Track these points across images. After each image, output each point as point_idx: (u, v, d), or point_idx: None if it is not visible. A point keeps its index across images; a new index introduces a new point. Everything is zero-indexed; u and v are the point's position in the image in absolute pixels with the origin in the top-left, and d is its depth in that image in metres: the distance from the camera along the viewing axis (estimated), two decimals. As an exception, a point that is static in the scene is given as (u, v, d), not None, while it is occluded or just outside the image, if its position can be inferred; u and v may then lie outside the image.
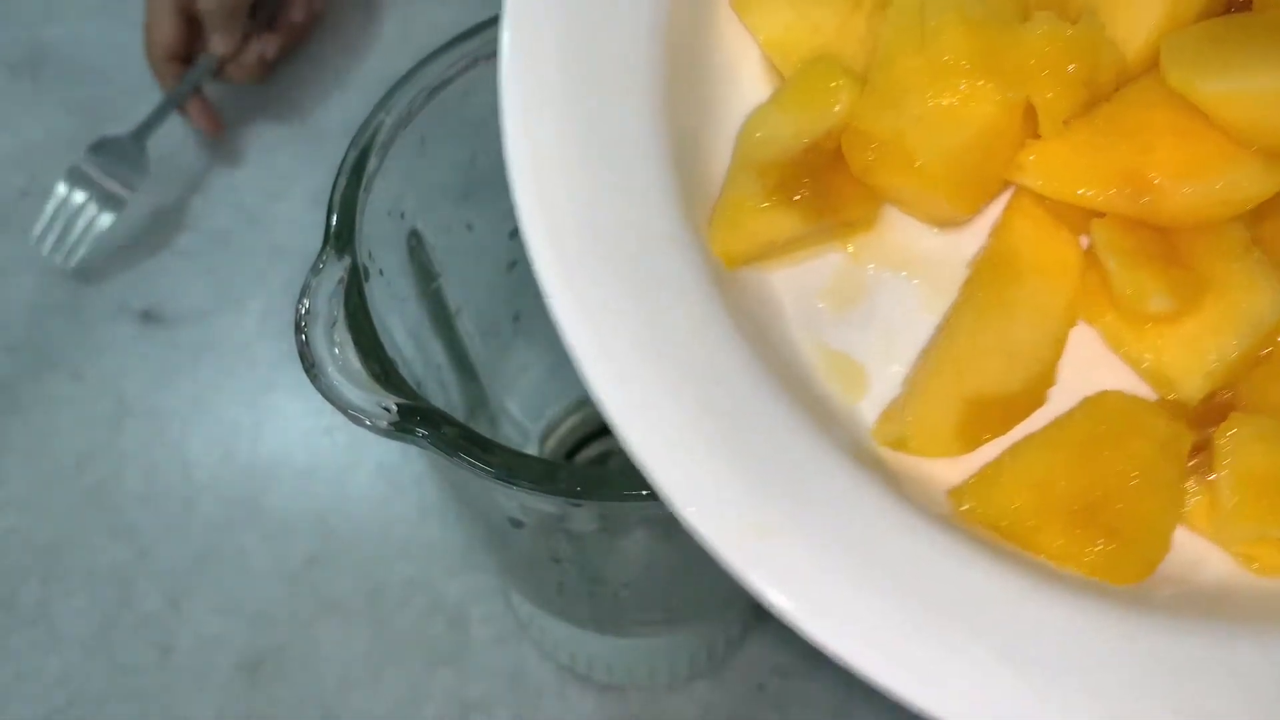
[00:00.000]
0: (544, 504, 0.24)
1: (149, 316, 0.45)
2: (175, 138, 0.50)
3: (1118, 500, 0.19)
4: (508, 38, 0.20)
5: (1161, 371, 0.19)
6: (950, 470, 0.19)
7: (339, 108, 0.51)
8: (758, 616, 0.38)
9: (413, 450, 0.41)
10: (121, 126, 0.50)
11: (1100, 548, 0.18)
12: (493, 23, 0.28)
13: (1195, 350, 0.19)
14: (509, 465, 0.22)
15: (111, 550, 0.40)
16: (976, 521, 0.19)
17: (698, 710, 0.37)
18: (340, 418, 0.43)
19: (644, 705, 0.37)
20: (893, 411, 0.20)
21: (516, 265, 0.33)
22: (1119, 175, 0.20)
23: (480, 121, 0.29)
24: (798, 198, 0.20)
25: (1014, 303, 0.20)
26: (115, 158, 0.46)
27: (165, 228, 0.48)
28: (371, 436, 0.42)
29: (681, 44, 0.21)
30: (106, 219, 0.46)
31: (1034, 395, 0.20)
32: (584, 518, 0.25)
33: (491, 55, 0.28)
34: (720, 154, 0.21)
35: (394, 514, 0.41)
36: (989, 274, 0.20)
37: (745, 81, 0.22)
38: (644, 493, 0.22)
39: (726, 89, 0.22)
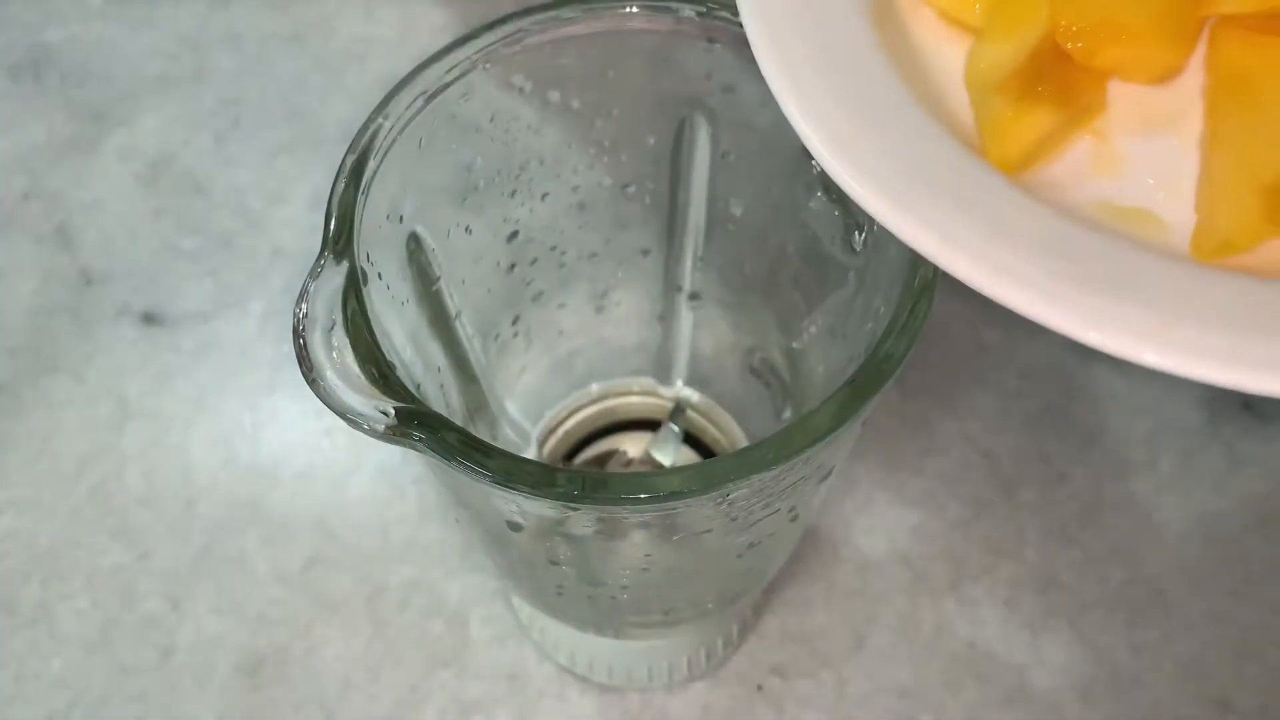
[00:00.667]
0: (542, 507, 0.24)
1: (150, 318, 0.46)
2: (177, 139, 0.50)
3: None
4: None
5: None
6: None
7: (339, 111, 0.51)
8: (756, 616, 0.39)
9: (412, 452, 0.42)
10: (124, 129, 0.50)
11: None
12: (491, 27, 0.28)
13: None
14: (507, 469, 0.22)
15: (112, 551, 0.40)
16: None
17: (697, 711, 0.37)
18: (340, 420, 0.43)
19: (643, 706, 0.37)
20: (1202, 228, 0.22)
21: (515, 268, 0.33)
22: None
23: (479, 125, 0.30)
24: (1042, 91, 0.23)
25: (1266, 102, 0.22)
26: None
27: (167, 230, 0.48)
28: (371, 439, 0.42)
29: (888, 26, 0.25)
30: None
31: None
32: (582, 521, 0.25)
33: (491, 60, 0.28)
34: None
35: (394, 515, 0.41)
36: (1222, 93, 0.23)
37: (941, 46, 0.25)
38: (642, 496, 0.22)
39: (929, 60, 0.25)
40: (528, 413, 0.38)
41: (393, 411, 0.22)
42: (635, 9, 0.28)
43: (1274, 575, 0.39)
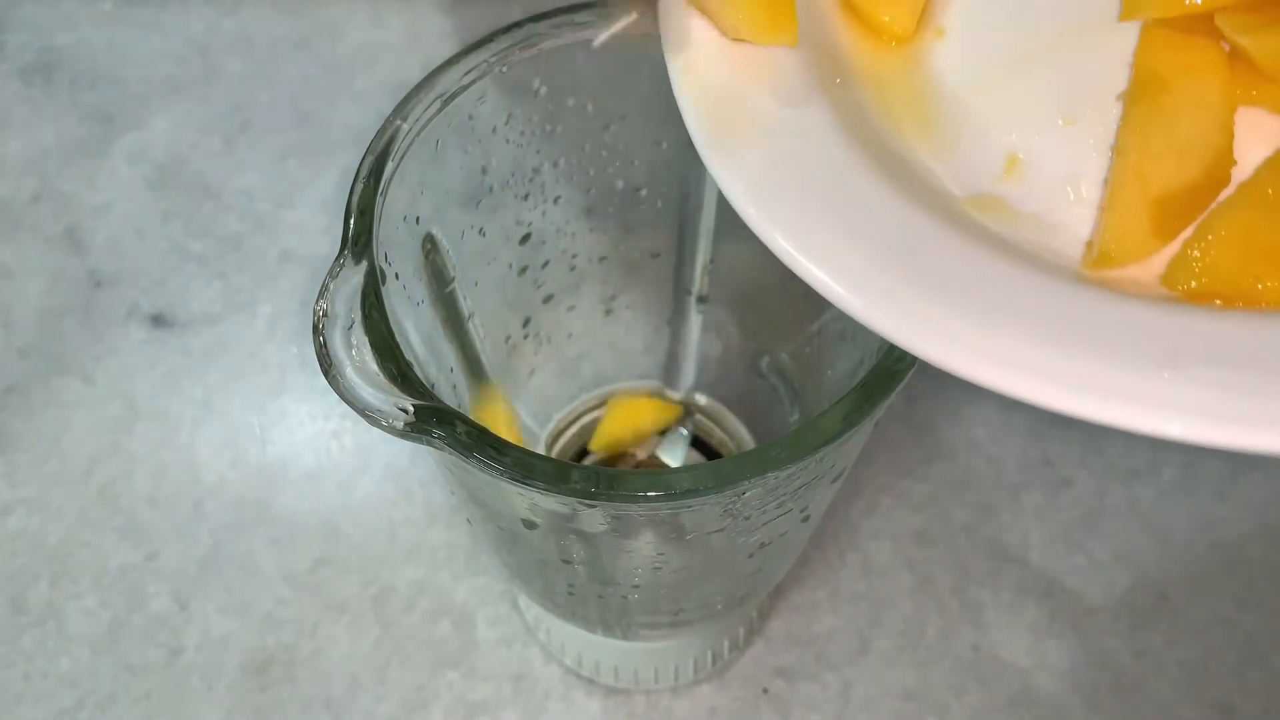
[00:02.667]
0: (555, 504, 0.24)
1: (159, 320, 0.46)
2: (187, 142, 0.50)
3: None
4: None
5: None
6: (1158, 272, 0.21)
7: (347, 115, 0.51)
8: (762, 619, 0.39)
9: (420, 454, 0.42)
10: (134, 132, 0.50)
11: None
12: (504, 32, 0.29)
13: None
14: (522, 465, 0.22)
15: (120, 551, 0.41)
16: (1196, 295, 0.20)
17: (703, 713, 0.37)
18: (347, 421, 0.43)
19: (649, 708, 0.37)
20: (1090, 240, 0.22)
21: (527, 270, 0.34)
22: None
23: (494, 128, 0.30)
24: None
25: (1171, 107, 0.22)
26: None
27: (176, 233, 0.48)
28: (379, 440, 0.42)
29: None
30: None
31: (1216, 179, 0.21)
32: (595, 518, 0.25)
33: (506, 64, 0.28)
34: None
35: (401, 517, 0.41)
36: (1139, 94, 0.22)
37: None
38: (656, 493, 0.22)
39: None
40: (537, 414, 0.38)
41: (411, 408, 0.23)
42: (652, 14, 0.29)
43: (1276, 581, 0.40)
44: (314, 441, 0.43)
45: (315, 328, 0.23)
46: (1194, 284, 0.20)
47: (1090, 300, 0.20)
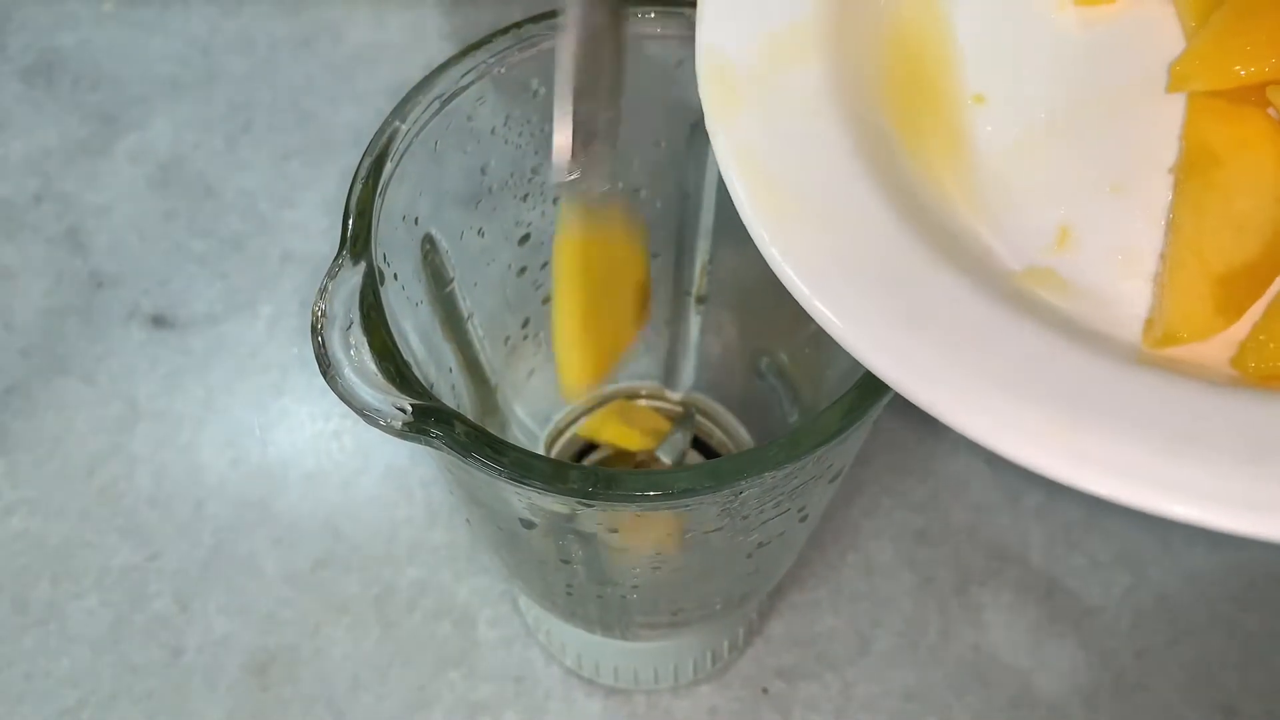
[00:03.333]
0: (554, 504, 0.24)
1: (160, 321, 0.46)
2: (188, 142, 0.50)
3: None
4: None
5: None
6: (1222, 350, 0.21)
7: (349, 115, 0.51)
8: (762, 619, 0.39)
9: (420, 454, 0.42)
10: (135, 132, 0.50)
11: None
12: (503, 32, 0.29)
13: None
14: (521, 465, 0.22)
15: (122, 552, 0.41)
16: (1267, 377, 0.20)
17: (703, 713, 0.37)
18: (348, 421, 0.44)
19: (649, 708, 0.37)
20: (1151, 317, 0.21)
21: (526, 270, 0.34)
22: (1272, 42, 0.21)
23: (493, 128, 0.30)
24: None
25: (1225, 182, 0.21)
26: None
27: (178, 233, 0.48)
28: (380, 440, 0.42)
29: None
30: None
31: (1278, 254, 0.21)
32: (593, 518, 0.25)
33: (505, 64, 0.28)
34: None
35: (402, 517, 0.41)
36: (1191, 168, 0.22)
37: None
38: (654, 493, 0.22)
39: None
40: (536, 415, 0.38)
41: (410, 408, 0.23)
42: (652, 14, 0.29)
43: (1277, 581, 0.40)
44: (315, 442, 0.43)
45: (314, 328, 0.23)
46: (1260, 366, 0.20)
47: (1161, 385, 0.19)
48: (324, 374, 0.23)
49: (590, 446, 0.39)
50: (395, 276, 0.27)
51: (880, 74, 0.24)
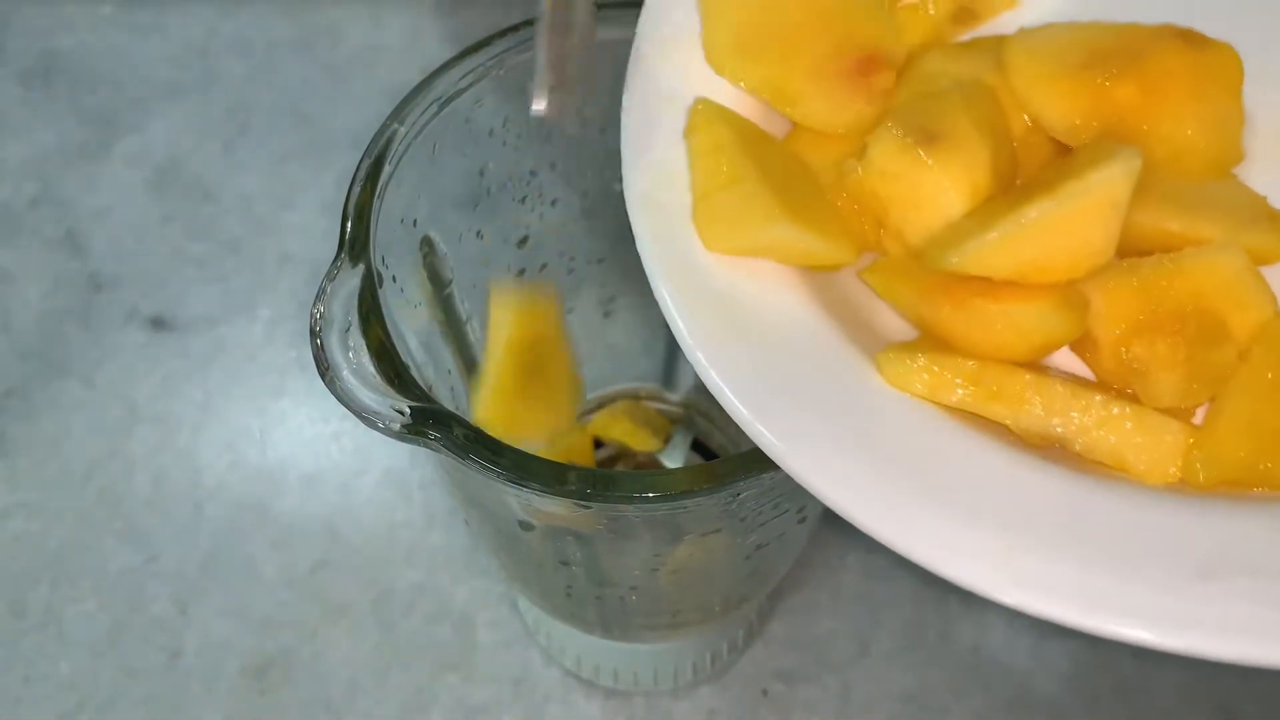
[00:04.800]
0: (553, 505, 0.24)
1: (159, 323, 0.46)
2: (186, 145, 0.50)
3: None
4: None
5: None
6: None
7: (347, 118, 0.51)
8: (761, 621, 0.39)
9: (419, 456, 0.42)
10: (134, 135, 0.50)
11: None
12: (501, 35, 0.29)
13: None
14: (519, 467, 0.22)
15: (120, 555, 0.41)
16: (1215, 483, 0.20)
17: (702, 715, 0.37)
18: (347, 424, 0.43)
19: (649, 710, 0.37)
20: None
21: (525, 273, 0.34)
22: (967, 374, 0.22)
23: (489, 132, 0.30)
24: None
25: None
26: None
27: (176, 235, 0.48)
28: (378, 442, 0.42)
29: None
30: None
31: None
32: (592, 520, 0.25)
33: (503, 66, 0.28)
34: None
35: (400, 519, 0.41)
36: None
37: None
38: (652, 494, 0.22)
39: None
40: (535, 417, 0.38)
41: (408, 410, 0.23)
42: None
43: (1276, 582, 0.40)
44: (313, 444, 0.43)
45: (312, 330, 0.23)
46: (1209, 474, 0.20)
47: (1105, 499, 0.19)
48: (323, 376, 0.23)
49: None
50: (394, 279, 0.27)
51: None
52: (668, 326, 0.37)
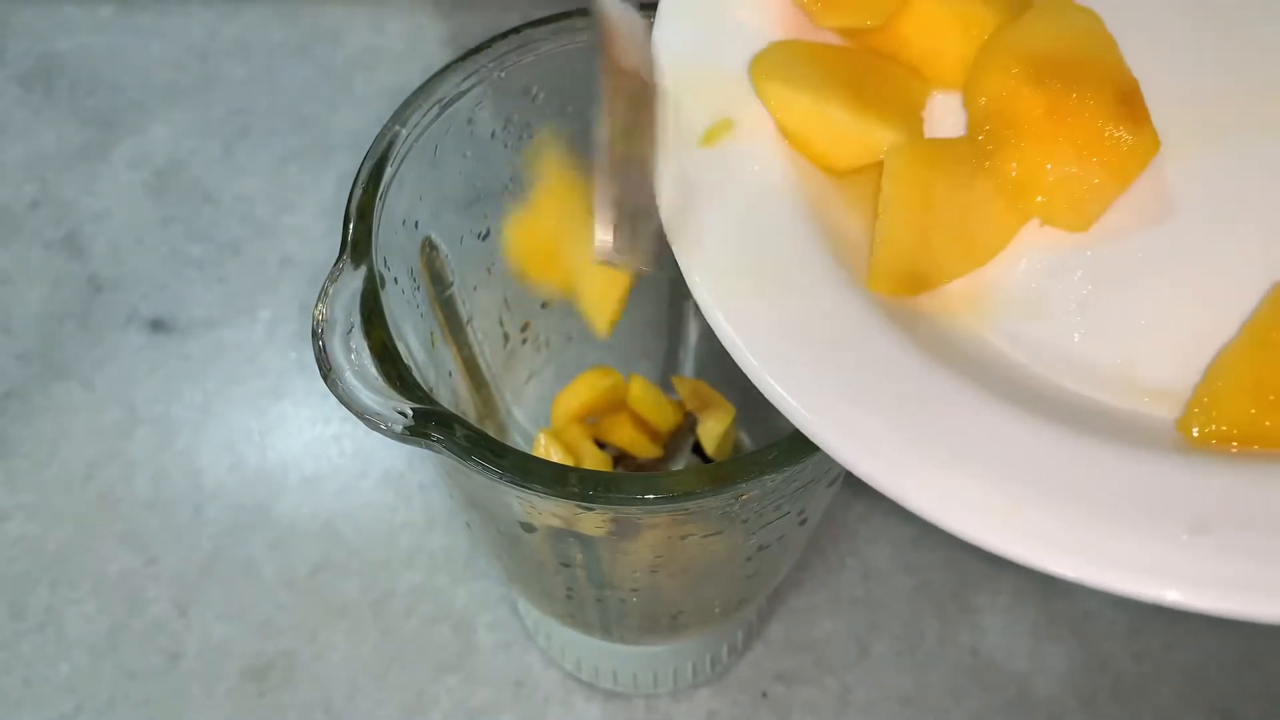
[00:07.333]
0: (554, 507, 0.24)
1: (158, 325, 0.46)
2: (187, 147, 0.50)
3: None
4: None
5: None
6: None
7: (347, 120, 0.51)
8: (761, 623, 0.39)
9: (419, 458, 0.42)
10: (134, 137, 0.50)
11: None
12: (502, 37, 0.29)
13: None
14: (521, 468, 0.23)
15: (120, 557, 0.41)
16: (1213, 440, 0.20)
17: (701, 717, 0.37)
18: (347, 425, 0.43)
19: (648, 712, 0.37)
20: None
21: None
22: None
23: (491, 133, 0.30)
24: None
25: None
26: None
27: (176, 238, 0.48)
28: (378, 444, 0.42)
29: None
30: None
31: None
32: (593, 521, 0.25)
33: (504, 68, 0.28)
34: None
35: (400, 521, 0.41)
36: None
37: None
38: (654, 496, 0.22)
39: None
40: (535, 419, 0.38)
41: (410, 412, 0.23)
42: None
43: (1275, 585, 0.40)
44: (313, 446, 0.43)
45: (314, 332, 0.23)
46: (1206, 430, 0.20)
47: (1106, 456, 0.19)
48: (325, 378, 0.23)
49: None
50: (395, 280, 0.27)
51: None
52: (668, 327, 0.37)
